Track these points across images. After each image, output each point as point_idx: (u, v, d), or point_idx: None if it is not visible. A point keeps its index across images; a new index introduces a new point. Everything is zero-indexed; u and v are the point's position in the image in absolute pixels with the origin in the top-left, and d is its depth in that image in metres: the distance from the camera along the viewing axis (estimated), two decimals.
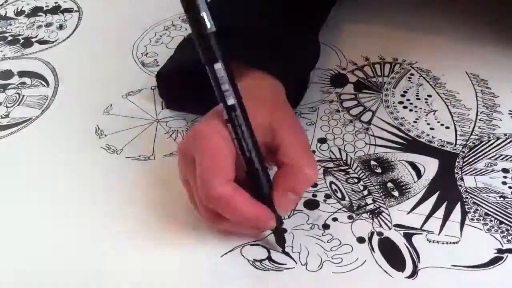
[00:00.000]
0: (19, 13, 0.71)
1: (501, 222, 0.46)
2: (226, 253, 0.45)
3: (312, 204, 0.48)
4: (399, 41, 0.63)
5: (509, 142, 0.52)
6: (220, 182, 0.41)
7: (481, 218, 0.46)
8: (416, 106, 0.56)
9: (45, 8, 0.71)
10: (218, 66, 0.40)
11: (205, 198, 0.41)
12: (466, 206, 0.47)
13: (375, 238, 0.45)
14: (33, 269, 0.45)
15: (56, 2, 0.72)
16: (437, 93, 0.57)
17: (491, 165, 0.50)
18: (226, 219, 0.42)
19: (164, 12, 0.69)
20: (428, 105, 0.56)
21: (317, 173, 0.43)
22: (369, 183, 0.49)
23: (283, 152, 0.43)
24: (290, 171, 0.42)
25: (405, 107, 0.56)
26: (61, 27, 0.68)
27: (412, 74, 0.59)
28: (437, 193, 0.48)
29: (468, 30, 0.63)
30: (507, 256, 0.44)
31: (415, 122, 0.54)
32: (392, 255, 0.44)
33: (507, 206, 0.47)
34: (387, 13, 0.65)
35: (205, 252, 0.45)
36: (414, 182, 0.49)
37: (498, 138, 0.52)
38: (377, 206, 0.48)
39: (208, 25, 0.40)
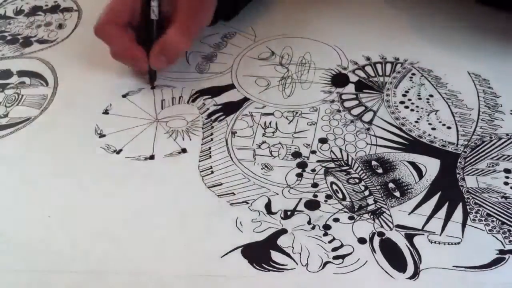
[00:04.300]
0: (18, 12, 0.70)
1: (503, 223, 0.46)
2: (226, 253, 0.45)
3: (313, 205, 0.48)
4: (401, 40, 0.63)
5: (511, 142, 0.52)
6: (106, 20, 0.55)
7: (483, 218, 0.46)
8: (417, 106, 0.56)
9: (44, 7, 0.71)
10: None
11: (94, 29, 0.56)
12: (468, 207, 0.47)
13: (377, 239, 0.45)
14: (33, 269, 0.45)
15: (55, 1, 0.72)
16: (439, 93, 0.57)
17: (493, 166, 0.50)
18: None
19: None
20: (429, 105, 0.56)
21: (182, 45, 0.56)
22: (370, 184, 0.49)
23: (171, 19, 0.56)
24: (164, 39, 0.55)
25: (406, 107, 0.56)
26: (60, 26, 0.68)
27: (413, 74, 0.59)
28: (439, 193, 0.48)
29: (469, 30, 0.63)
30: (509, 257, 0.44)
31: (416, 122, 0.54)
32: (394, 256, 0.44)
33: (509, 207, 0.47)
34: (388, 13, 0.65)
35: (205, 252, 0.45)
36: (416, 183, 0.49)
37: (500, 138, 0.52)
38: (379, 206, 0.48)
39: None
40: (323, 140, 0.53)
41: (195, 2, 0.57)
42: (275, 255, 0.45)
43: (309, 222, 0.47)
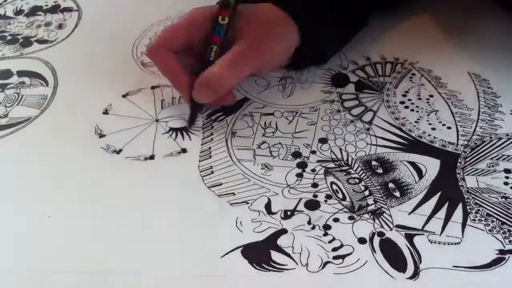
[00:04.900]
0: (18, 12, 0.70)
1: (503, 223, 0.46)
2: (226, 253, 0.45)
3: (313, 205, 0.48)
4: (401, 40, 0.63)
5: (511, 143, 0.52)
6: (159, 43, 0.53)
7: (483, 218, 0.46)
8: (417, 106, 0.56)
9: (44, 7, 0.71)
10: None
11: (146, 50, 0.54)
12: (468, 207, 0.47)
13: (377, 239, 0.45)
14: (33, 269, 0.45)
15: (55, 1, 0.72)
16: (439, 93, 0.57)
17: (493, 166, 0.50)
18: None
19: (164, 12, 0.68)
20: (429, 105, 0.56)
21: (227, 80, 0.52)
22: (370, 184, 0.49)
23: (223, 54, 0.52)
24: (210, 70, 0.52)
25: (406, 107, 0.56)
26: (60, 26, 0.68)
27: (413, 74, 0.59)
28: (439, 193, 0.48)
29: (469, 30, 0.63)
30: (509, 257, 0.44)
31: (416, 122, 0.54)
32: (394, 256, 0.44)
33: (509, 207, 0.47)
34: (388, 13, 0.65)
35: (205, 252, 0.45)
36: (416, 183, 0.49)
37: (500, 139, 0.52)
38: (379, 206, 0.48)
39: None
40: (323, 140, 0.53)
41: (256, 43, 0.53)
42: (275, 255, 0.45)
43: (309, 222, 0.47)
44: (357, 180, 0.50)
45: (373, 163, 0.51)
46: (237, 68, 0.52)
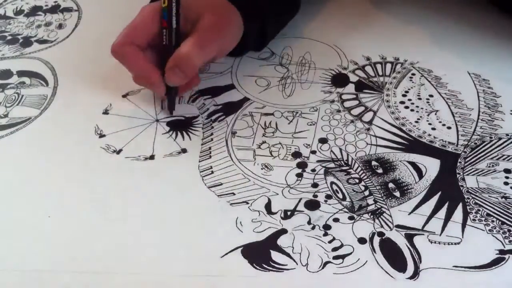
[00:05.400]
0: (18, 12, 0.70)
1: (503, 223, 0.46)
2: (226, 253, 0.45)
3: (313, 205, 0.48)
4: (401, 40, 0.63)
5: (511, 142, 0.52)
6: (123, 40, 0.53)
7: (483, 218, 0.46)
8: (417, 106, 0.56)
9: (44, 8, 0.71)
10: None
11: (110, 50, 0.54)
12: (468, 207, 0.47)
13: (377, 239, 0.45)
14: (33, 269, 0.45)
15: (55, 1, 0.72)
16: (439, 93, 0.57)
17: (493, 166, 0.50)
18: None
19: None
20: (429, 105, 0.56)
21: (196, 58, 0.52)
22: (370, 184, 0.49)
23: (188, 36, 0.53)
24: (178, 51, 0.52)
25: (406, 107, 0.56)
26: (60, 26, 0.68)
27: (413, 74, 0.59)
28: (439, 193, 0.48)
29: (469, 30, 0.63)
30: (509, 257, 0.44)
31: (416, 122, 0.54)
32: (394, 256, 0.44)
33: (509, 207, 0.47)
34: (388, 13, 0.65)
35: (205, 252, 0.45)
36: (416, 183, 0.49)
37: (500, 139, 0.52)
38: (379, 206, 0.47)
39: None
40: (323, 140, 0.53)
41: (217, 25, 0.54)
42: (275, 255, 0.45)
43: (309, 222, 0.47)
44: (357, 180, 0.50)
45: (373, 163, 0.51)
46: (203, 46, 0.53)
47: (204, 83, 0.59)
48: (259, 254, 0.45)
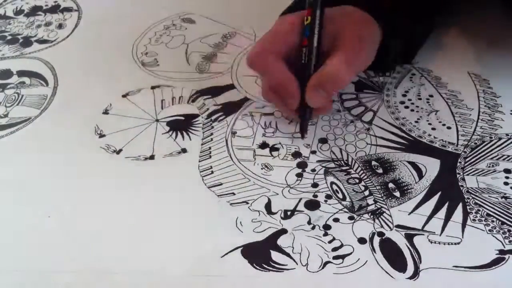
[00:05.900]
0: (18, 12, 0.71)
1: (503, 223, 0.46)
2: (226, 253, 0.45)
3: (313, 205, 0.48)
4: None
5: (511, 142, 0.52)
6: (261, 48, 0.50)
7: (483, 218, 0.46)
8: (417, 106, 0.56)
9: (44, 7, 0.71)
10: None
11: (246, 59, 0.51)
12: (468, 207, 0.47)
13: (376, 239, 0.45)
14: (33, 269, 0.45)
15: (55, 1, 0.72)
16: (439, 93, 0.57)
17: (493, 166, 0.50)
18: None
19: (164, 12, 0.68)
20: (429, 105, 0.56)
21: (345, 77, 0.49)
22: (370, 184, 0.49)
23: (330, 54, 0.49)
24: (324, 69, 0.49)
25: (406, 107, 0.56)
26: (60, 26, 0.68)
27: (413, 74, 0.59)
28: (439, 193, 0.48)
29: (469, 30, 0.63)
30: (509, 257, 0.44)
31: (416, 122, 0.54)
32: (394, 256, 0.44)
33: (509, 207, 0.47)
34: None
35: (205, 252, 0.45)
36: (416, 183, 0.49)
37: (500, 139, 0.52)
38: (378, 206, 0.47)
39: None
40: (323, 140, 0.53)
41: (360, 40, 0.51)
42: (275, 255, 0.45)
43: (309, 222, 0.47)
44: (357, 180, 0.50)
45: (373, 163, 0.51)
46: (350, 64, 0.49)
47: (204, 83, 0.59)
48: (259, 254, 0.45)
